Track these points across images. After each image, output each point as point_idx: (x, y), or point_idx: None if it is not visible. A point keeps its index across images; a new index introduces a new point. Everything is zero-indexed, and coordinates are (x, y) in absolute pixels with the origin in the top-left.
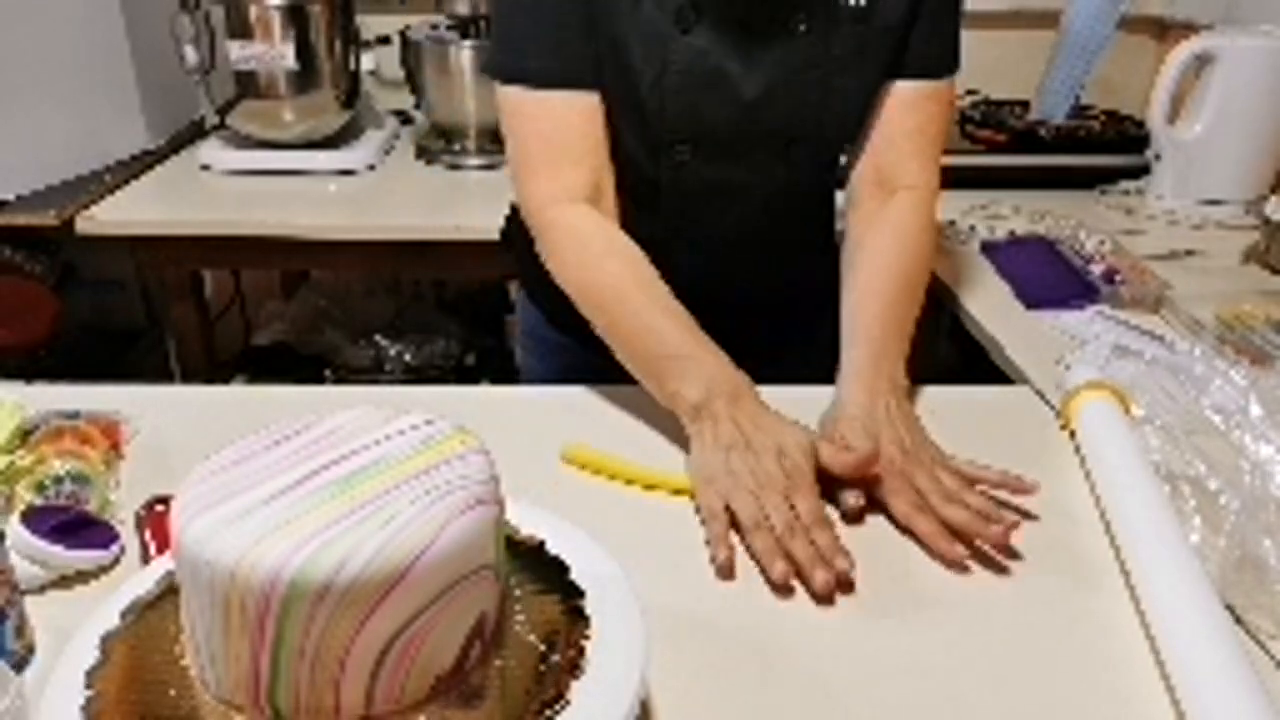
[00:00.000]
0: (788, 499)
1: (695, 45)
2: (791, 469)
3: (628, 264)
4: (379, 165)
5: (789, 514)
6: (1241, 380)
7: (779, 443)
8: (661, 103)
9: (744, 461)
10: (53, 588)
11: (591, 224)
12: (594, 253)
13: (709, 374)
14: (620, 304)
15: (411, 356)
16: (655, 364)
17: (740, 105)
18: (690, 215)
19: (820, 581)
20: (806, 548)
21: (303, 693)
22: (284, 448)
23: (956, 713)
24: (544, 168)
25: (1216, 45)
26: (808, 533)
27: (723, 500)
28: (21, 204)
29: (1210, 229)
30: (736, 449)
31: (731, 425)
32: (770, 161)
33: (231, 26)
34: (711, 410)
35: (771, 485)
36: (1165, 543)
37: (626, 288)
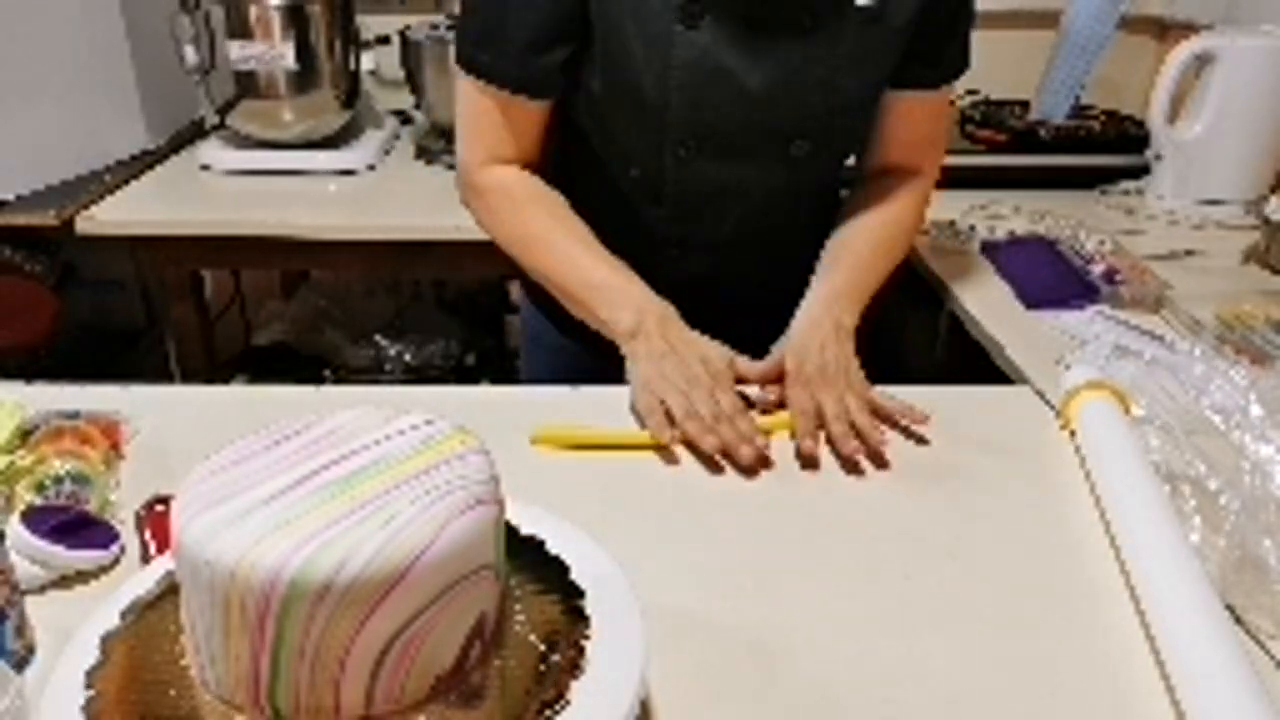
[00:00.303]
0: (712, 394)
1: (699, 41)
2: (714, 371)
3: (549, 209)
4: (379, 165)
5: (715, 406)
6: (1241, 380)
7: (702, 353)
8: (665, 99)
9: (674, 367)
10: (53, 588)
11: (514, 175)
12: (517, 200)
13: (638, 301)
14: (547, 247)
15: (411, 356)
16: (588, 295)
17: (744, 103)
18: (692, 213)
19: (746, 454)
20: (731, 431)
21: (303, 693)
22: (284, 448)
23: (956, 713)
24: (479, 138)
25: (1216, 45)
26: (732, 420)
27: (658, 398)
28: (21, 204)
29: (1210, 229)
30: (667, 357)
31: (662, 340)
32: (773, 160)
33: (231, 26)
34: (645, 330)
35: (698, 383)
36: (1165, 543)
37: (552, 231)
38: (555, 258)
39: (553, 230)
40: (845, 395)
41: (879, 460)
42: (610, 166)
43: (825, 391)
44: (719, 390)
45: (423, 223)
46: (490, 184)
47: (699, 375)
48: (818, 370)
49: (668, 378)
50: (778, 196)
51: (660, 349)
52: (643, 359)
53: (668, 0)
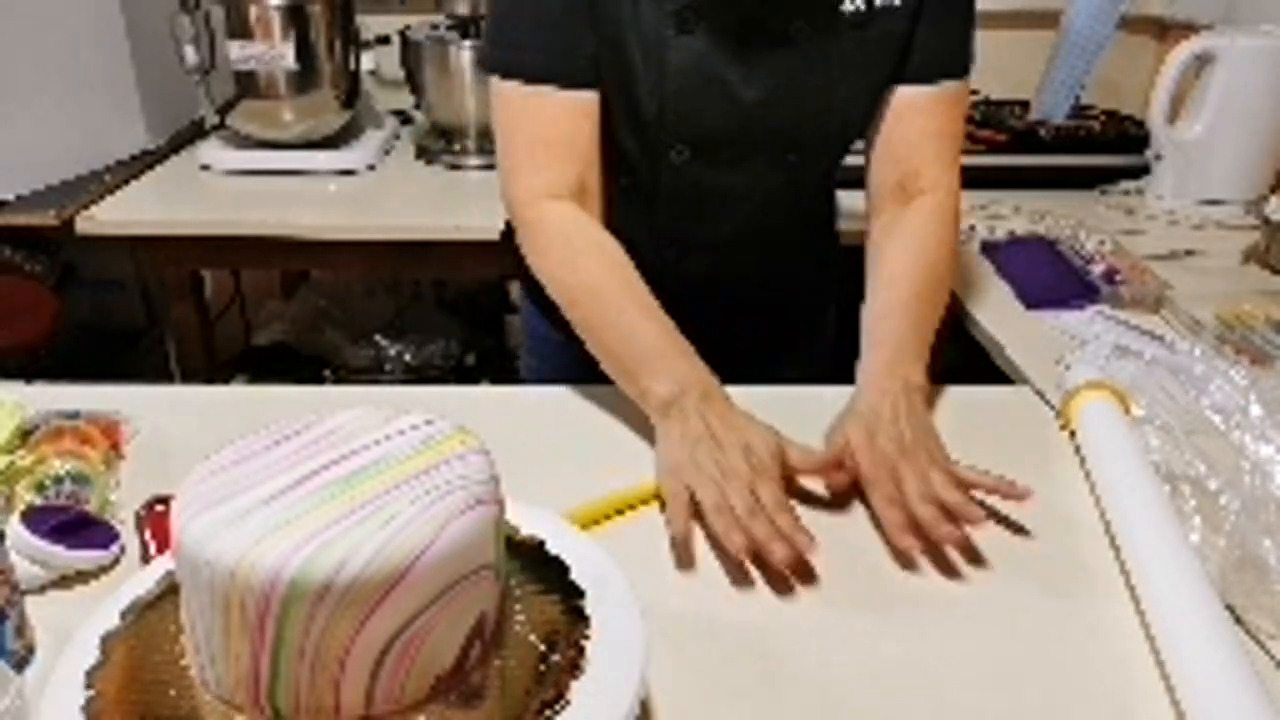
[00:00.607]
0: (751, 489)
1: (695, 48)
2: (757, 464)
3: (607, 261)
4: (379, 165)
5: (751, 500)
6: (1241, 380)
7: (746, 440)
8: (660, 105)
9: (710, 454)
10: (53, 588)
11: (574, 220)
12: (574, 249)
13: (681, 372)
14: (597, 301)
15: (411, 356)
16: (628, 361)
17: (739, 109)
18: (687, 218)
19: (779, 555)
20: (766, 526)
21: (303, 693)
22: (284, 448)
23: (956, 713)
24: (531, 163)
25: (1216, 45)
26: (769, 517)
27: (686, 487)
28: (21, 204)
29: (1210, 229)
30: (704, 443)
31: (700, 421)
32: (768, 167)
33: (231, 26)
34: (681, 407)
35: (736, 475)
36: (1165, 543)
37: (604, 285)
38: (602, 314)
39: (605, 284)
40: (929, 470)
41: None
42: (606, 173)
43: (906, 468)
44: (760, 484)
45: (423, 223)
46: (542, 223)
47: (737, 465)
48: (894, 443)
49: (700, 465)
50: (774, 199)
51: (697, 431)
52: (675, 440)
53: (663, 6)
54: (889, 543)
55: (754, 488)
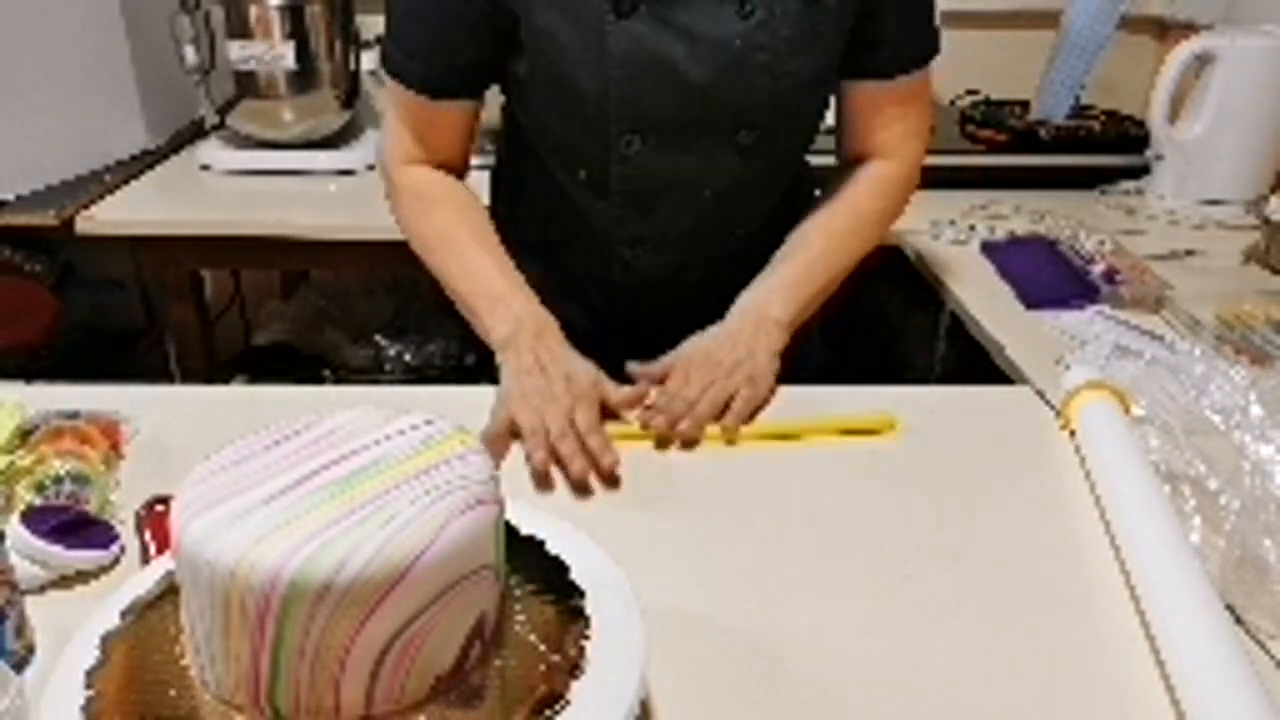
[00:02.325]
0: (568, 414)
1: (635, 30)
2: (576, 390)
3: (456, 209)
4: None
5: (565, 424)
6: (1241, 380)
7: (568, 370)
8: (605, 91)
9: (535, 383)
10: (53, 588)
11: (430, 176)
12: (427, 200)
13: (517, 312)
14: (447, 247)
15: (411, 356)
16: (475, 301)
17: (686, 91)
18: (644, 209)
19: (576, 467)
20: (572, 444)
21: (303, 693)
22: (284, 448)
23: (956, 713)
24: (400, 143)
25: (1216, 45)
26: (580, 438)
27: (509, 414)
28: (21, 204)
29: (1210, 229)
30: (531, 374)
31: (531, 355)
32: (721, 150)
33: (231, 26)
34: (516, 343)
35: (555, 401)
36: (1165, 543)
37: (453, 230)
38: (452, 260)
39: (455, 231)
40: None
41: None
42: (558, 169)
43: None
44: (578, 409)
45: None
46: (405, 183)
47: (558, 393)
48: (706, 357)
49: (526, 394)
50: (731, 189)
51: (528, 364)
52: (510, 373)
53: None
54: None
55: (570, 414)
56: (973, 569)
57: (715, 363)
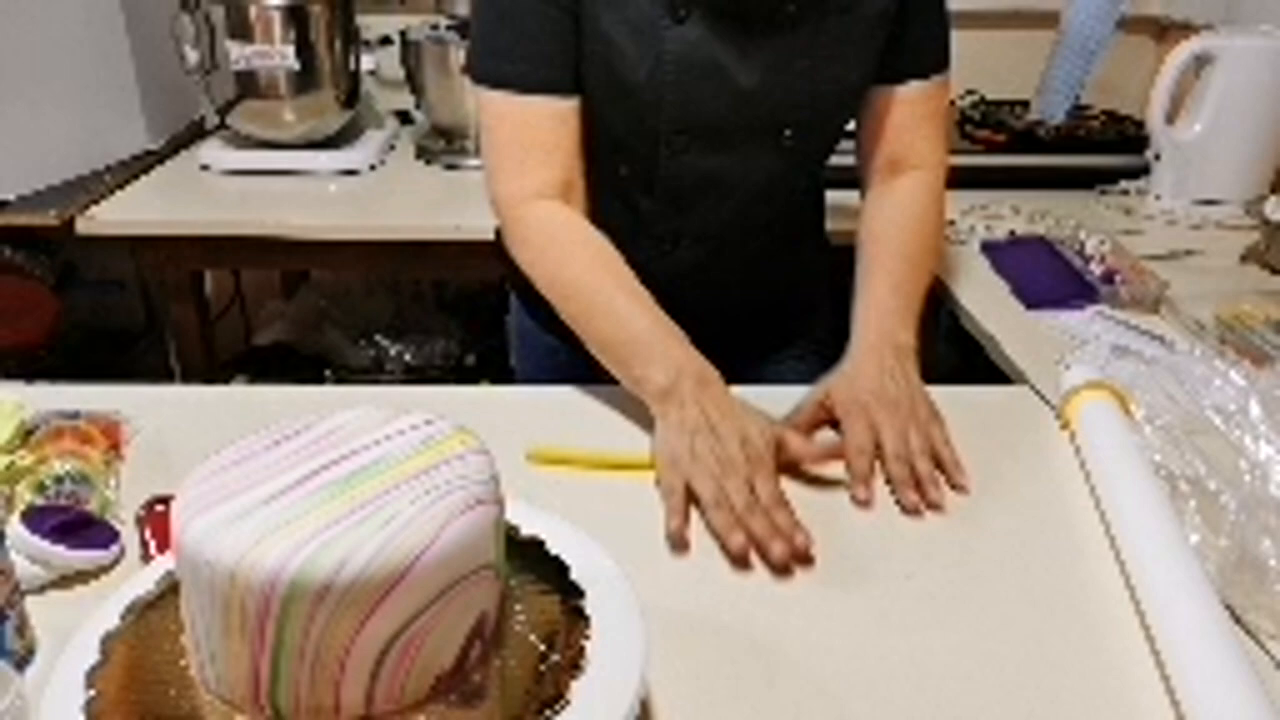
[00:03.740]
0: (749, 482)
1: (689, 36)
2: (754, 455)
3: (595, 254)
4: (379, 165)
5: (749, 495)
6: (1241, 380)
7: (743, 430)
8: (657, 94)
9: (707, 445)
10: (53, 588)
11: (560, 216)
12: (562, 244)
13: (676, 359)
14: (588, 293)
15: (411, 356)
16: (623, 349)
17: (735, 95)
18: (683, 205)
19: (777, 552)
20: (764, 523)
21: (303, 693)
22: (284, 448)
23: (956, 713)
24: (516, 166)
25: (1216, 45)
26: (767, 513)
27: (684, 480)
28: (21, 204)
29: (1210, 229)
30: (701, 433)
31: (698, 410)
32: (764, 151)
33: (231, 26)
34: (678, 395)
35: (733, 468)
36: (1165, 543)
37: (594, 277)
38: (595, 307)
39: (597, 277)
40: (909, 429)
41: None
42: (601, 163)
43: (885, 421)
44: (757, 477)
45: (423, 223)
46: (529, 221)
47: (734, 457)
48: (874, 395)
49: (698, 457)
50: (769, 187)
51: (694, 421)
52: (673, 428)
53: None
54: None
55: (751, 481)
56: (973, 569)
57: (890, 399)
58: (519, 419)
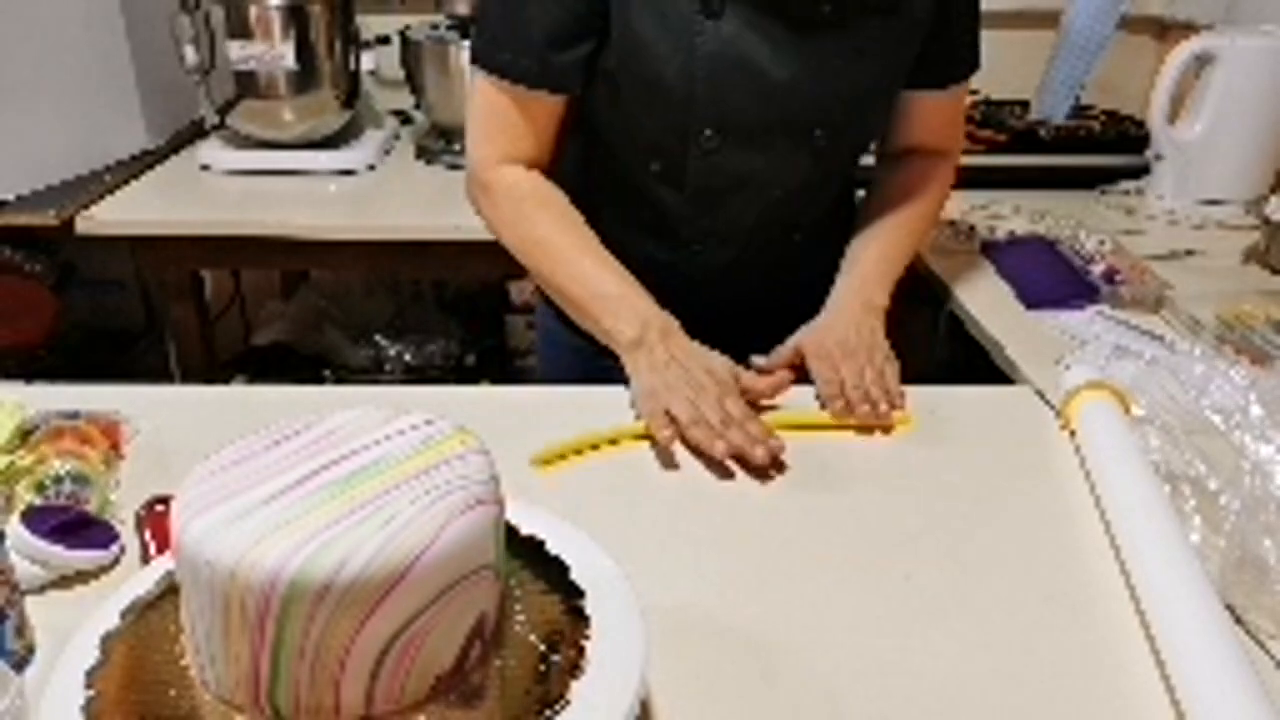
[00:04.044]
0: (720, 402)
1: (723, 31)
2: (720, 379)
3: (558, 215)
4: (379, 165)
5: (722, 411)
6: (1241, 380)
7: (707, 363)
8: (690, 89)
9: (678, 374)
10: (53, 588)
11: (525, 179)
12: (527, 205)
13: (642, 312)
14: (554, 251)
15: (411, 356)
16: (591, 304)
17: (768, 92)
18: (715, 203)
19: (760, 454)
20: (741, 433)
21: (303, 693)
22: (284, 448)
23: (955, 713)
24: (488, 138)
25: (1216, 45)
26: (741, 424)
27: (663, 406)
28: (21, 204)
29: (1210, 229)
30: (671, 367)
31: (665, 351)
32: (795, 151)
33: (231, 26)
34: (647, 342)
35: (705, 391)
36: (1165, 543)
37: (559, 237)
38: (561, 264)
39: (560, 236)
40: (865, 370)
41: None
42: (631, 161)
43: (846, 364)
44: (726, 397)
45: (423, 223)
46: (499, 185)
47: (704, 383)
48: (838, 345)
49: (672, 386)
50: (800, 188)
51: (663, 359)
52: (645, 370)
53: None
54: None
55: (722, 401)
56: (973, 569)
57: (851, 348)
58: (519, 419)
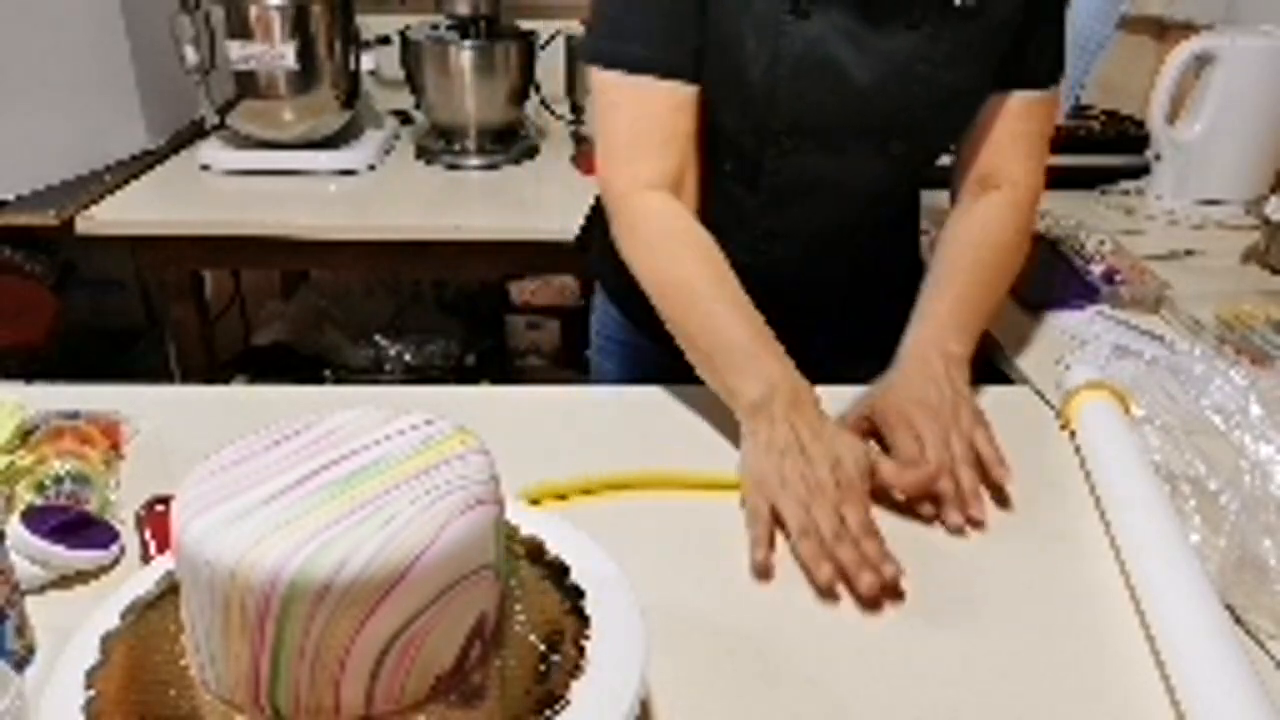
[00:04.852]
0: (837, 509)
1: (809, 33)
2: (844, 480)
3: (702, 257)
4: (379, 165)
5: (837, 523)
6: (1241, 380)
7: (835, 453)
8: (772, 89)
9: (796, 468)
10: (53, 588)
11: (670, 212)
12: (670, 243)
13: (771, 374)
14: (689, 295)
15: (411, 356)
16: (717, 358)
17: (850, 95)
18: (786, 204)
19: (866, 584)
20: (852, 553)
21: (303, 693)
22: (284, 448)
23: (956, 713)
24: (630, 152)
25: (1216, 45)
26: (856, 542)
27: (769, 504)
28: (21, 204)
29: (1210, 229)
30: (790, 454)
31: (788, 429)
32: (871, 155)
33: (231, 26)
34: (769, 411)
35: (822, 494)
36: (1165, 543)
37: (697, 279)
38: (694, 308)
39: (700, 278)
40: (950, 435)
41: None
42: (706, 159)
43: (926, 427)
44: (846, 504)
45: (423, 223)
46: (641, 214)
47: (825, 483)
48: (916, 403)
49: (786, 482)
50: (872, 191)
51: (784, 440)
52: (761, 447)
53: None
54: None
55: (840, 508)
56: (972, 569)
57: (934, 410)
58: (520, 419)
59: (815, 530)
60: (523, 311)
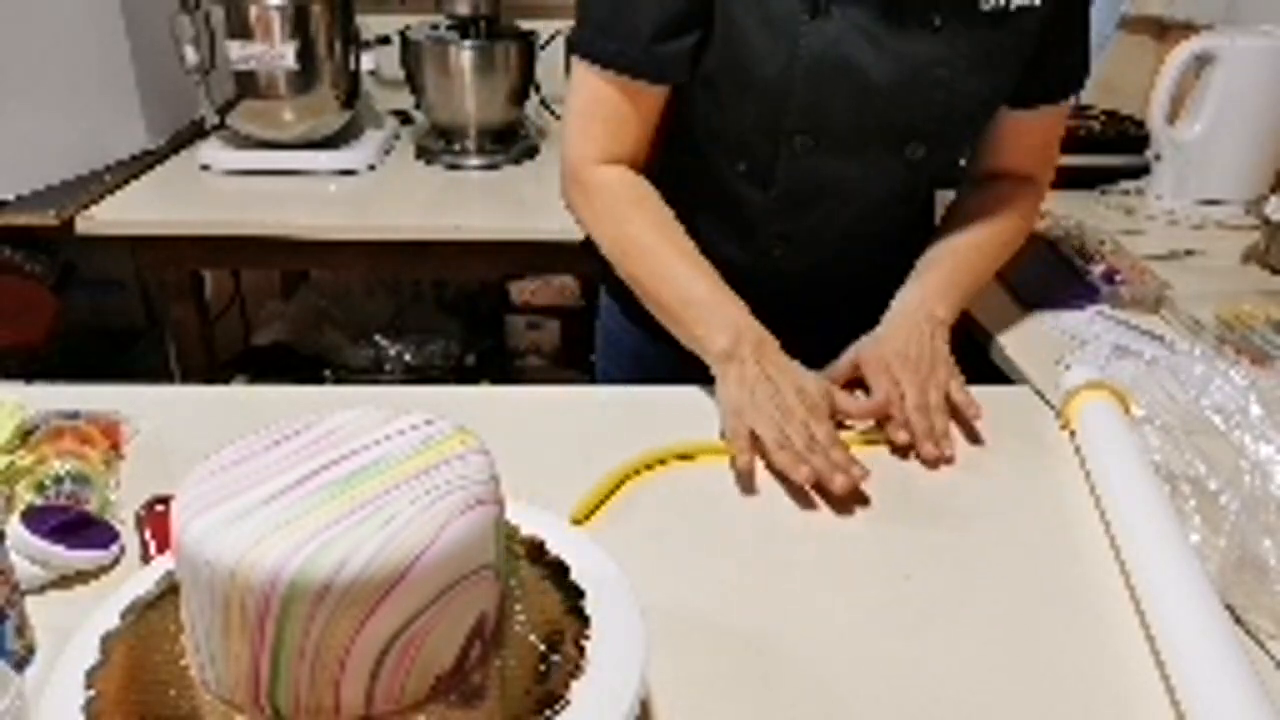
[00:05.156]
0: (806, 425)
1: (827, 32)
2: (809, 402)
3: (655, 216)
4: (379, 165)
5: (808, 436)
6: (1241, 380)
7: (799, 383)
8: (788, 89)
9: (767, 394)
10: (53, 588)
11: (622, 179)
12: (623, 206)
13: (736, 322)
14: (648, 255)
15: (411, 356)
16: (683, 312)
17: (866, 97)
18: (801, 208)
19: (839, 484)
20: (824, 460)
21: (303, 693)
22: (284, 448)
23: (956, 713)
24: (586, 134)
25: (1216, 45)
26: (826, 451)
27: (749, 426)
28: (21, 204)
29: (1210, 229)
30: (761, 385)
31: (756, 366)
32: (886, 159)
33: (231, 26)
34: (739, 355)
35: (792, 414)
36: (1165, 543)
37: (653, 240)
38: (655, 267)
39: (656, 238)
40: (928, 385)
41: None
42: (717, 158)
43: (906, 377)
44: (814, 421)
45: (423, 223)
46: (597, 183)
47: (793, 405)
48: (897, 355)
49: (759, 406)
50: (888, 198)
51: (754, 375)
52: (734, 383)
53: None
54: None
55: (809, 425)
56: (972, 569)
57: (912, 361)
58: (520, 419)
59: (790, 443)
60: (523, 311)
